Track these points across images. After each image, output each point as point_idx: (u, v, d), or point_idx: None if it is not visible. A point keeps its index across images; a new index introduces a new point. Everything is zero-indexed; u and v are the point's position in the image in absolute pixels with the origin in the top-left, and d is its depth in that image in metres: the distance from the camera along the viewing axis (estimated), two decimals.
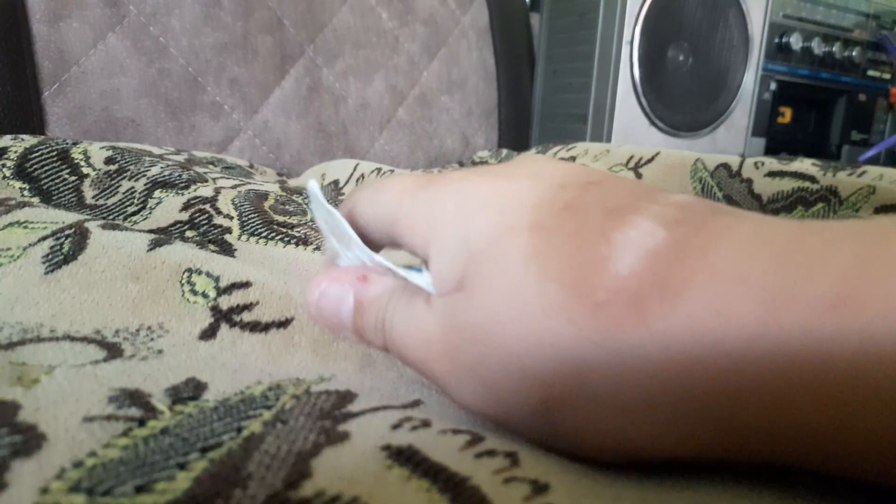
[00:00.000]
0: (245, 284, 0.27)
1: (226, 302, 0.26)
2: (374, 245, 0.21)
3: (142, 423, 0.17)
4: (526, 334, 0.14)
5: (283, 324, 0.26)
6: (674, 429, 0.13)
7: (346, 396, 0.20)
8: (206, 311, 0.26)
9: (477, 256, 0.15)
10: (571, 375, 0.14)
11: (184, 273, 0.28)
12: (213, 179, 0.42)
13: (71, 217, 0.31)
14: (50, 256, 0.28)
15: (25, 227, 0.29)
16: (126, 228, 0.32)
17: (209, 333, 0.25)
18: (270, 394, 0.20)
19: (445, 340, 0.16)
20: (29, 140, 0.39)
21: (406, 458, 0.16)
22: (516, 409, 0.15)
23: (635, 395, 0.13)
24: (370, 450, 0.16)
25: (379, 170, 0.49)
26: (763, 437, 0.12)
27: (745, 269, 0.12)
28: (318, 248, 0.36)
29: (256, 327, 0.25)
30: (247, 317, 0.26)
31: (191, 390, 0.20)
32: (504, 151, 0.72)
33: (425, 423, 0.18)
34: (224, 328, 0.25)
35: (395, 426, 0.17)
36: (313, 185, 0.21)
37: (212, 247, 0.34)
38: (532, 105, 0.88)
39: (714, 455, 0.13)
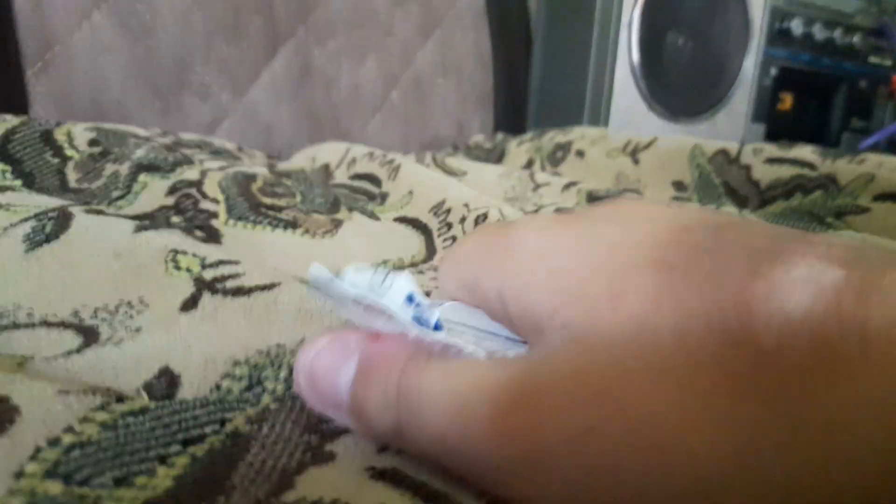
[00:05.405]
0: (233, 262, 0.26)
1: (210, 273, 0.25)
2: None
3: (120, 399, 0.16)
4: (661, 388, 0.11)
5: (268, 287, 0.24)
6: None
7: None
8: (189, 282, 0.25)
9: (577, 301, 0.13)
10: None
11: (169, 252, 0.27)
12: (200, 161, 0.41)
13: (54, 202, 0.30)
14: (31, 235, 0.27)
15: (7, 210, 0.29)
16: (110, 214, 0.31)
17: (190, 304, 0.24)
18: (250, 395, 0.19)
19: (512, 408, 0.13)
20: (11, 120, 0.38)
21: (389, 477, 0.16)
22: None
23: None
24: (355, 470, 0.16)
25: (371, 154, 0.49)
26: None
27: None
28: (307, 231, 0.35)
29: (239, 292, 0.24)
30: (230, 284, 0.25)
31: (163, 386, 0.19)
32: (500, 136, 0.71)
33: None
34: (206, 296, 0.24)
35: (382, 449, 0.17)
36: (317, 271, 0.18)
37: (198, 232, 0.33)
38: (529, 89, 0.87)
39: None
